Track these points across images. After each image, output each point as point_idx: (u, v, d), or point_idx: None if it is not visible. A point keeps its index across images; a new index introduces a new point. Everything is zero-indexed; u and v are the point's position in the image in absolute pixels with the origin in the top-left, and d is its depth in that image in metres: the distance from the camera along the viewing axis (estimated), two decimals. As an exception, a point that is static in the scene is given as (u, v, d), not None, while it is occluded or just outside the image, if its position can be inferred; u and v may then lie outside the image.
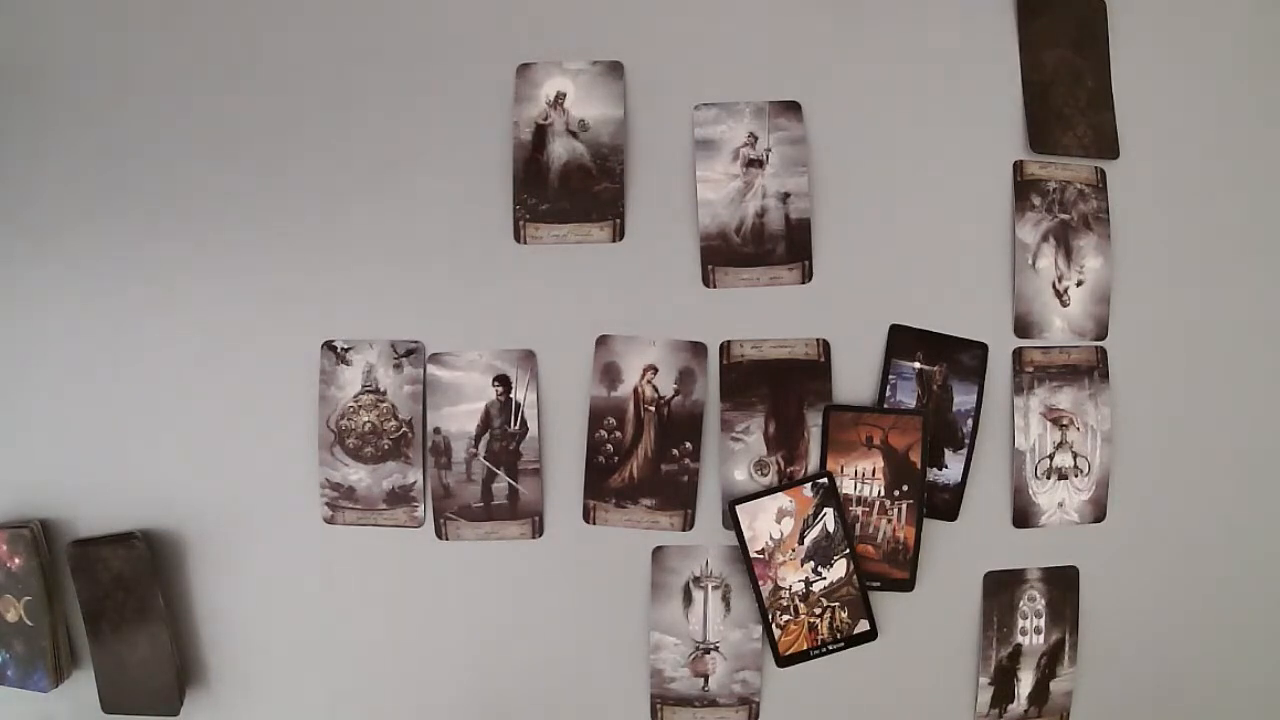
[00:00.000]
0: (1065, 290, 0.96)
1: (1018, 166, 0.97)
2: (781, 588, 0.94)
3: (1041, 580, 0.97)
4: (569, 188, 0.95)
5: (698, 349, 0.95)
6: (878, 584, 0.95)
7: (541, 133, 0.95)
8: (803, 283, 0.95)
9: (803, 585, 0.94)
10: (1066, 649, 0.98)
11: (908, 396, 0.95)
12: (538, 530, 0.96)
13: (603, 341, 0.95)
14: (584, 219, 0.95)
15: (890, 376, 0.95)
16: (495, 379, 0.95)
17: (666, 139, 0.96)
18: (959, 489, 0.96)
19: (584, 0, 0.96)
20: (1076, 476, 0.97)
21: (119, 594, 0.93)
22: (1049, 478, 0.96)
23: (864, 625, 0.94)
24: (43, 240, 0.96)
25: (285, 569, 0.96)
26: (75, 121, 0.96)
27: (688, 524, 0.95)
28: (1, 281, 0.96)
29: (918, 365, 0.95)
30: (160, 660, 0.94)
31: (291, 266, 0.96)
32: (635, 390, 0.94)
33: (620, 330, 0.95)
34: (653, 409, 0.95)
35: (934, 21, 0.97)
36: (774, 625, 0.94)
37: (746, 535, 0.93)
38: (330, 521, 0.96)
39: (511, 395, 0.95)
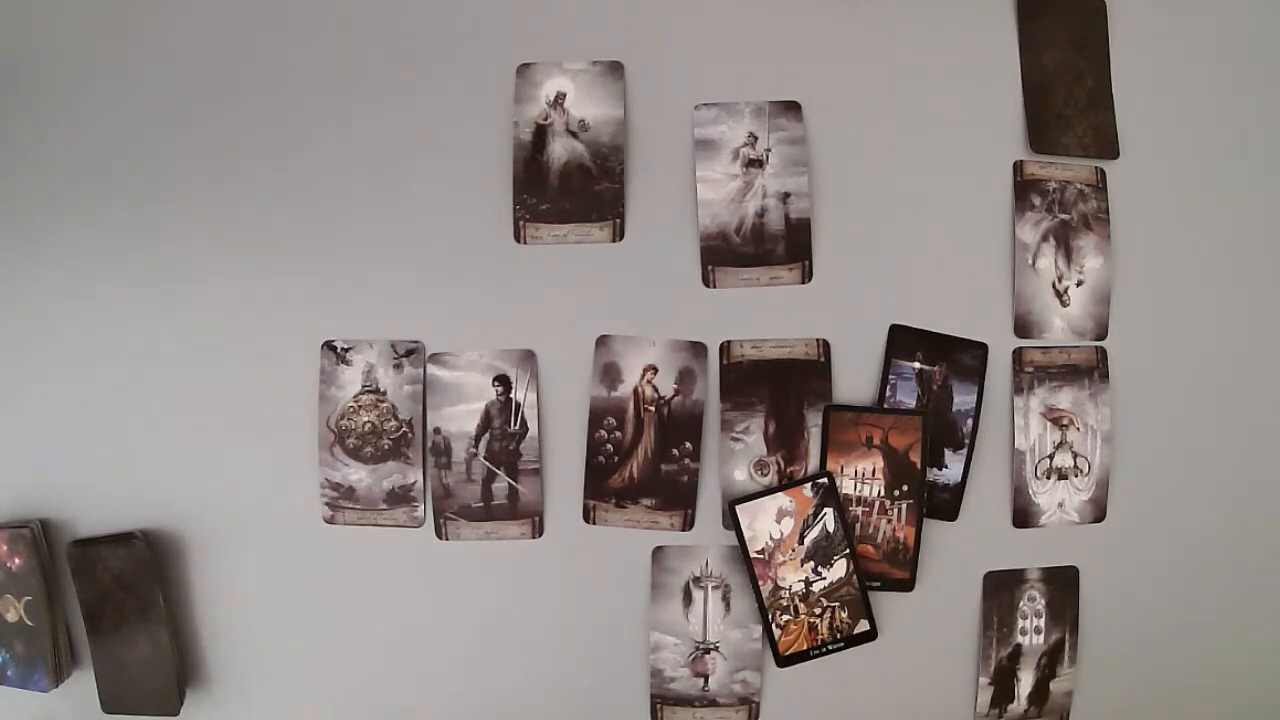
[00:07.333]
0: (1065, 290, 0.96)
1: (1018, 166, 0.97)
2: (781, 588, 0.94)
3: (1041, 580, 0.97)
4: (569, 188, 0.95)
5: (698, 349, 0.95)
6: (878, 584, 0.95)
7: (541, 133, 0.95)
8: (803, 283, 0.95)
9: (803, 585, 0.94)
10: (1066, 649, 0.98)
11: (908, 396, 0.95)
12: (538, 530, 0.96)
13: (603, 341, 0.95)
14: (584, 219, 0.95)
15: (890, 376, 0.95)
16: (495, 379, 0.95)
17: (666, 139, 0.96)
18: (959, 489, 0.96)
19: (584, 0, 0.96)
20: (1076, 476, 0.97)
21: (119, 594, 0.93)
22: (1049, 478, 0.96)
23: (864, 625, 0.94)
24: (43, 240, 0.96)
25: (285, 569, 0.96)
26: (75, 122, 0.96)
27: (688, 524, 0.95)
28: (1, 281, 0.96)
29: (918, 365, 0.95)
30: (160, 660, 0.94)
31: (291, 266, 0.96)
32: (635, 390, 0.94)
33: (620, 330, 0.95)
34: (653, 409, 0.94)
35: (934, 21, 0.97)
36: (774, 625, 0.94)
37: (746, 535, 0.93)
38: (330, 521, 0.96)
39: (511, 395, 0.95)
